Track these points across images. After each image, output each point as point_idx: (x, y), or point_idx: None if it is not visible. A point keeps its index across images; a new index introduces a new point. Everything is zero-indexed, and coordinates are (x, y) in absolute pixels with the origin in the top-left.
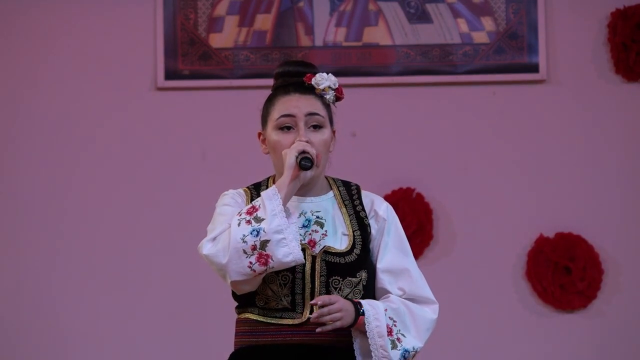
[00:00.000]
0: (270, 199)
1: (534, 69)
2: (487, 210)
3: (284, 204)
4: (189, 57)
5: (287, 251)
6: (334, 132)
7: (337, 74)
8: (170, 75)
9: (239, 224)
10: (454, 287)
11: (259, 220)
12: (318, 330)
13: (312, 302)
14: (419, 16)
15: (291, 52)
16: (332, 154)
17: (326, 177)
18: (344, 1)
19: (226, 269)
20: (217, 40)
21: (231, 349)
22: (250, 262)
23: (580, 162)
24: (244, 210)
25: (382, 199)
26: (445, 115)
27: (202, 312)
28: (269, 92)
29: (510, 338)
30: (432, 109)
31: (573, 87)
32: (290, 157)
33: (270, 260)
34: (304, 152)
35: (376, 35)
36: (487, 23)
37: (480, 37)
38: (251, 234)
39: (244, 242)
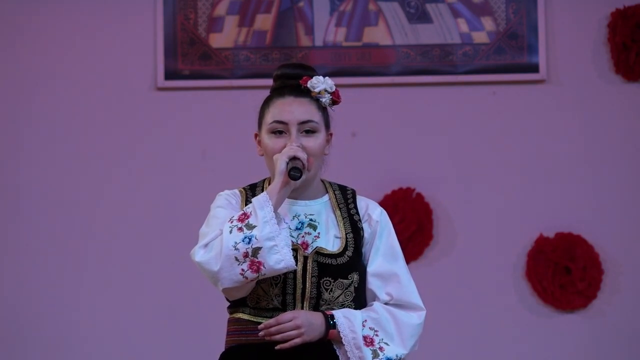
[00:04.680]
0: (261, 206)
1: (534, 69)
2: (487, 210)
3: (275, 210)
4: (189, 57)
5: (279, 258)
6: (330, 135)
7: (337, 74)
8: (170, 75)
9: (230, 231)
10: (454, 287)
11: (250, 227)
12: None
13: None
14: (419, 16)
15: (291, 52)
16: (330, 156)
17: (322, 181)
18: (344, 1)
19: (218, 276)
20: (217, 40)
21: (223, 349)
22: (242, 270)
23: (580, 162)
24: (236, 217)
25: (377, 204)
26: (445, 115)
27: (201, 312)
28: (269, 92)
29: (510, 338)
30: (432, 109)
31: (573, 87)
32: (281, 163)
33: (262, 267)
34: (294, 157)
35: (376, 35)
36: (487, 23)
37: (480, 37)
38: (243, 241)
39: (236, 249)
